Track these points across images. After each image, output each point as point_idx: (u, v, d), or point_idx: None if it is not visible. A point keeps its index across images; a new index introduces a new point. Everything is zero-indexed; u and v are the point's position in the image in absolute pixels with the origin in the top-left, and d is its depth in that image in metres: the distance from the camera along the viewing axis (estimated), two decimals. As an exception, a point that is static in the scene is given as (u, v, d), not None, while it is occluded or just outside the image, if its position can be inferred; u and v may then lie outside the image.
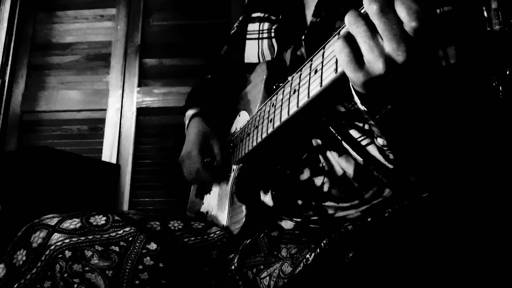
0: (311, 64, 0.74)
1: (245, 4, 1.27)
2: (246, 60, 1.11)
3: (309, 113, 0.80)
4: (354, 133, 0.81)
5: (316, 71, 0.71)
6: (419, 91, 0.59)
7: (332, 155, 0.85)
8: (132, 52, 2.64)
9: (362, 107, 0.61)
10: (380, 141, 0.69)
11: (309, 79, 0.73)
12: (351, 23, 0.55)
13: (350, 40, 0.56)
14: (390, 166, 0.76)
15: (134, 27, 2.67)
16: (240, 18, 1.24)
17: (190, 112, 1.21)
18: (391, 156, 0.73)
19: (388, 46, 0.52)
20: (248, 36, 1.11)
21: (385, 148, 0.71)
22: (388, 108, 0.60)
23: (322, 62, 0.69)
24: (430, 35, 0.50)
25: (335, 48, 0.57)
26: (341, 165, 0.83)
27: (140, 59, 2.62)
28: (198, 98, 1.25)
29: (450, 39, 0.67)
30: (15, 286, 0.73)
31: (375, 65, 0.54)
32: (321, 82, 0.69)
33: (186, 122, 1.21)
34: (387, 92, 0.58)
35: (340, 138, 0.82)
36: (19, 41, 2.69)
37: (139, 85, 2.59)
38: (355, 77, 0.56)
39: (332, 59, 0.66)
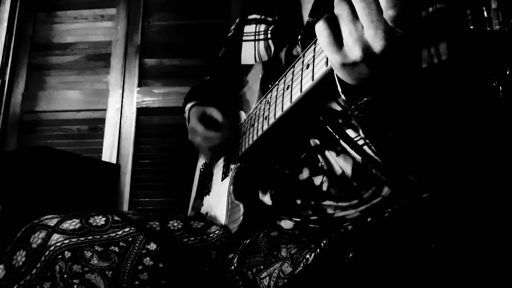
0: (303, 60, 0.74)
1: (241, 6, 1.26)
2: (242, 62, 1.11)
3: (303, 108, 0.80)
4: (350, 132, 0.81)
5: (308, 66, 0.71)
6: (398, 87, 0.58)
7: (331, 155, 0.84)
8: (132, 52, 2.64)
9: (342, 96, 0.61)
10: (361, 133, 0.69)
11: (302, 74, 0.73)
12: (337, 5, 0.55)
13: (332, 22, 0.55)
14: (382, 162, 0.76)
15: (134, 27, 2.67)
16: (237, 20, 1.24)
17: (189, 105, 1.21)
18: (373, 149, 0.73)
19: (366, 32, 0.52)
20: (244, 38, 1.11)
21: (367, 141, 0.71)
22: (364, 100, 0.60)
23: (314, 56, 0.69)
24: (411, 26, 0.49)
25: (316, 29, 0.56)
26: (340, 164, 0.83)
27: (140, 59, 2.62)
28: (197, 95, 1.26)
29: (442, 36, 0.67)
30: (15, 287, 0.73)
31: (353, 49, 0.53)
32: (313, 76, 0.69)
33: (186, 115, 1.22)
34: (364, 81, 0.57)
35: (338, 137, 0.82)
36: (19, 41, 2.69)
37: (139, 85, 2.59)
38: (333, 59, 0.56)
39: (323, 53, 0.65)
